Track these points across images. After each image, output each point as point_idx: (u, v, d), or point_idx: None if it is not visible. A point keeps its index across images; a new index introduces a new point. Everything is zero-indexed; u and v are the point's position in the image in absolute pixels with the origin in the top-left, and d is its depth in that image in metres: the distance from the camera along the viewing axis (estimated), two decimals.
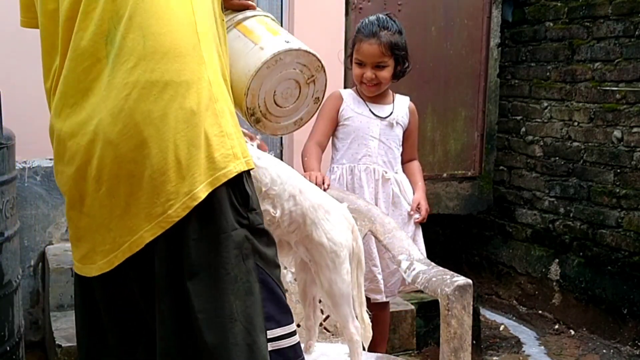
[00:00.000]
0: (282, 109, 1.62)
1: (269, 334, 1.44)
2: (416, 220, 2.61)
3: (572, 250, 3.77)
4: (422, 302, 3.21)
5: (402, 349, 3.08)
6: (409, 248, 2.05)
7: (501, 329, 3.84)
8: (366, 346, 1.91)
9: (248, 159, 1.40)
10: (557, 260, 3.85)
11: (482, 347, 3.50)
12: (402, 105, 2.67)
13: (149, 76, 1.31)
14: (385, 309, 2.64)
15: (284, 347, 1.50)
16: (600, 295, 3.59)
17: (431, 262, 2.02)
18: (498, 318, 4.01)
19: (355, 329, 1.84)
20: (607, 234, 3.57)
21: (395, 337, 3.06)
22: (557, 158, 3.86)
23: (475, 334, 3.17)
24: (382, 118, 2.61)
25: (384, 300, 2.55)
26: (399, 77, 2.59)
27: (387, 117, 2.61)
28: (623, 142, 3.49)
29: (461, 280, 1.82)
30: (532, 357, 3.46)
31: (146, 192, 1.32)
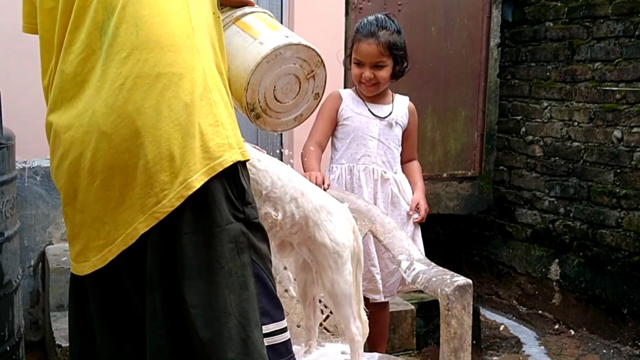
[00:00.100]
0: (282, 105, 1.61)
1: (264, 329, 1.42)
2: (415, 220, 2.61)
3: (572, 250, 3.77)
4: (422, 302, 3.21)
5: (402, 349, 3.08)
6: (409, 248, 2.05)
7: (501, 329, 3.84)
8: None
9: (243, 150, 1.39)
10: (557, 260, 3.85)
11: (482, 347, 3.49)
12: (401, 105, 2.67)
13: (142, 66, 1.30)
14: (385, 309, 2.64)
15: (278, 342, 1.49)
16: (600, 295, 3.59)
17: (431, 262, 2.03)
18: (498, 318, 4.00)
19: (357, 330, 1.84)
20: (607, 234, 3.57)
21: (395, 337, 3.06)
22: (557, 158, 3.86)
23: (475, 334, 3.16)
24: (382, 118, 2.61)
25: (382, 300, 2.55)
26: (397, 77, 2.59)
27: (386, 117, 2.61)
28: (623, 142, 3.48)
29: (461, 280, 1.82)
30: (532, 357, 3.46)
31: (140, 182, 1.31)
